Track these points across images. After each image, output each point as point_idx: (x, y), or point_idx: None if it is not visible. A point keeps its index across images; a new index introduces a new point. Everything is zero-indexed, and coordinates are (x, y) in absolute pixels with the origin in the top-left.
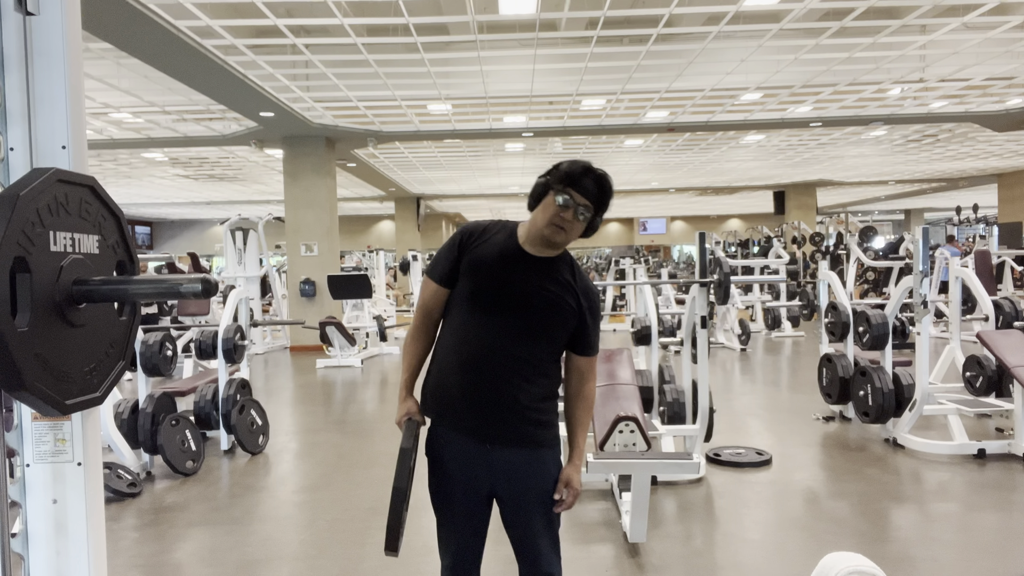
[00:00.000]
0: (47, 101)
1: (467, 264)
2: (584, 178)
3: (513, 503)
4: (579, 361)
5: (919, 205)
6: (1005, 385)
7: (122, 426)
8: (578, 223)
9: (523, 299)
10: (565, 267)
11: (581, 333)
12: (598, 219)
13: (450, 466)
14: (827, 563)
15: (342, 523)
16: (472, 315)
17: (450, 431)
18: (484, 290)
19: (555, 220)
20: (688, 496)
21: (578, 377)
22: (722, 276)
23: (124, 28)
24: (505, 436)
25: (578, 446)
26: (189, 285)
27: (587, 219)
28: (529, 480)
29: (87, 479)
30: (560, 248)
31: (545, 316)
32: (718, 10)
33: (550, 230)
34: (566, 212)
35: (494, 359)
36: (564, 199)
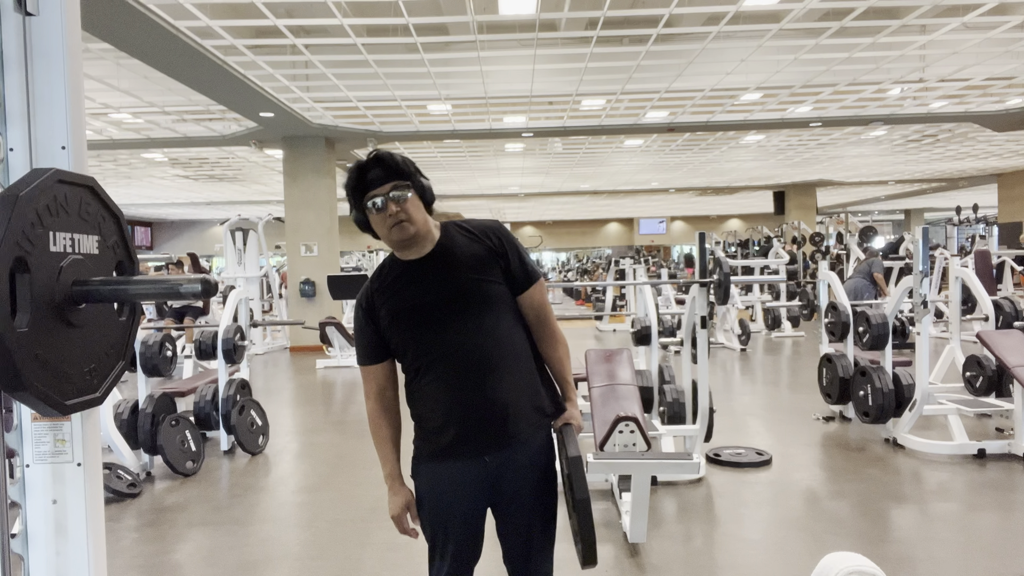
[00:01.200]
0: (47, 101)
1: (387, 323)
2: (366, 174)
3: (508, 506)
4: (527, 297)
5: (919, 205)
6: (1005, 385)
7: (122, 426)
8: (406, 204)
9: (449, 299)
10: (453, 236)
11: (508, 268)
12: (420, 181)
13: (446, 498)
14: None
15: (342, 523)
16: (423, 350)
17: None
18: (415, 323)
19: (387, 223)
20: (688, 496)
21: (534, 314)
22: (722, 276)
23: (124, 28)
24: (500, 440)
25: (567, 383)
26: (189, 285)
27: (406, 197)
28: (526, 478)
29: (87, 479)
30: (424, 235)
31: (475, 288)
32: (718, 10)
33: (395, 233)
34: (388, 208)
35: (464, 368)
36: (372, 204)
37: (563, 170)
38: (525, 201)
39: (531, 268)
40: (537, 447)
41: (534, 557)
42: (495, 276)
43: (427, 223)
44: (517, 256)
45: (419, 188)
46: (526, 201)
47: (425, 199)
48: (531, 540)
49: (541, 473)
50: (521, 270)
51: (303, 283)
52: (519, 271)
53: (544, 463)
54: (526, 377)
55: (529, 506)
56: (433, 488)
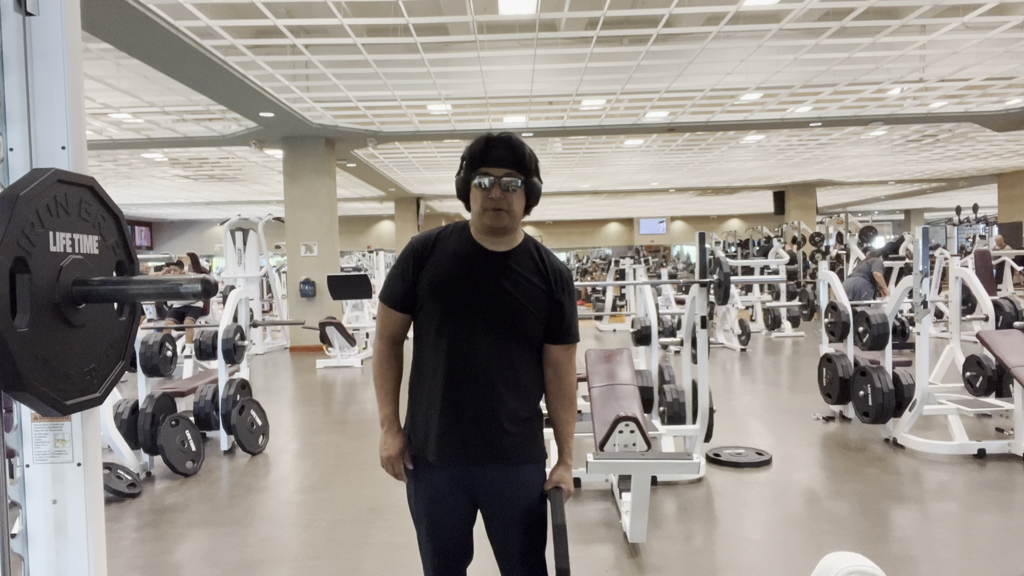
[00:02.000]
0: (47, 101)
1: (426, 285)
2: (491, 150)
3: (496, 520)
4: (556, 352)
5: (919, 205)
6: (1005, 385)
7: (122, 426)
8: (511, 195)
9: (492, 300)
10: (528, 252)
11: (556, 317)
12: (533, 181)
13: (433, 494)
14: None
15: (342, 524)
16: (444, 336)
17: (433, 462)
18: (451, 306)
19: (487, 204)
20: (688, 496)
21: (555, 371)
22: (722, 276)
23: (124, 28)
24: (487, 455)
25: (566, 444)
26: (189, 285)
27: (516, 186)
28: (513, 498)
29: (87, 479)
30: (512, 231)
31: (518, 311)
32: (718, 10)
33: (489, 216)
34: (492, 191)
35: (474, 373)
36: (482, 181)
37: (563, 170)
38: None
39: (574, 331)
40: (526, 480)
41: (527, 556)
42: (540, 315)
43: (519, 220)
44: (570, 313)
45: (529, 187)
46: None
47: (530, 198)
48: (522, 546)
49: (529, 506)
50: (564, 327)
51: (303, 283)
52: (562, 327)
53: (533, 498)
54: (526, 411)
55: (517, 527)
56: (420, 486)
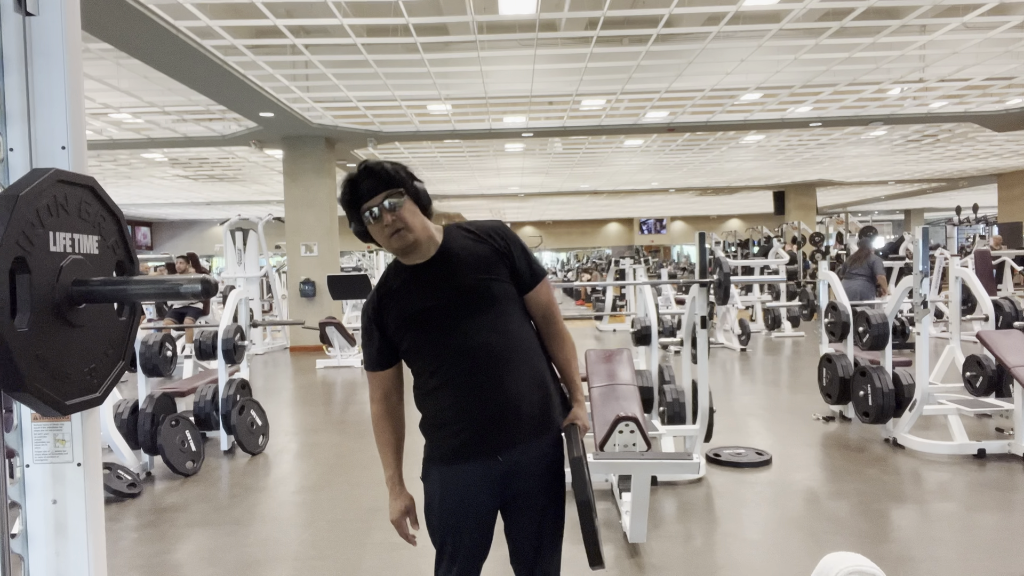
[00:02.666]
0: (47, 101)
1: (395, 328)
2: (358, 187)
3: (519, 506)
4: (534, 296)
5: (919, 205)
6: (1005, 385)
7: (122, 426)
8: (401, 211)
9: (454, 298)
10: (456, 239)
11: (515, 266)
12: (412, 186)
13: (458, 499)
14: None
15: (342, 523)
16: (432, 353)
17: (457, 466)
18: (424, 328)
19: (385, 232)
20: (688, 496)
21: (541, 314)
22: (722, 276)
23: (124, 28)
24: (512, 438)
25: (574, 383)
26: (189, 285)
27: (401, 203)
28: (537, 475)
29: (87, 479)
30: (426, 239)
31: (481, 288)
32: (718, 10)
33: (395, 241)
34: (383, 218)
35: (473, 369)
36: (368, 215)
37: (563, 170)
38: (525, 201)
39: (537, 266)
40: (548, 445)
41: (542, 557)
42: (501, 275)
43: (426, 228)
44: (523, 255)
45: (413, 193)
46: (526, 201)
47: (421, 203)
48: (540, 540)
49: (552, 472)
50: (527, 269)
51: (303, 283)
52: (525, 270)
53: (554, 462)
54: (535, 374)
55: (540, 506)
56: (445, 490)
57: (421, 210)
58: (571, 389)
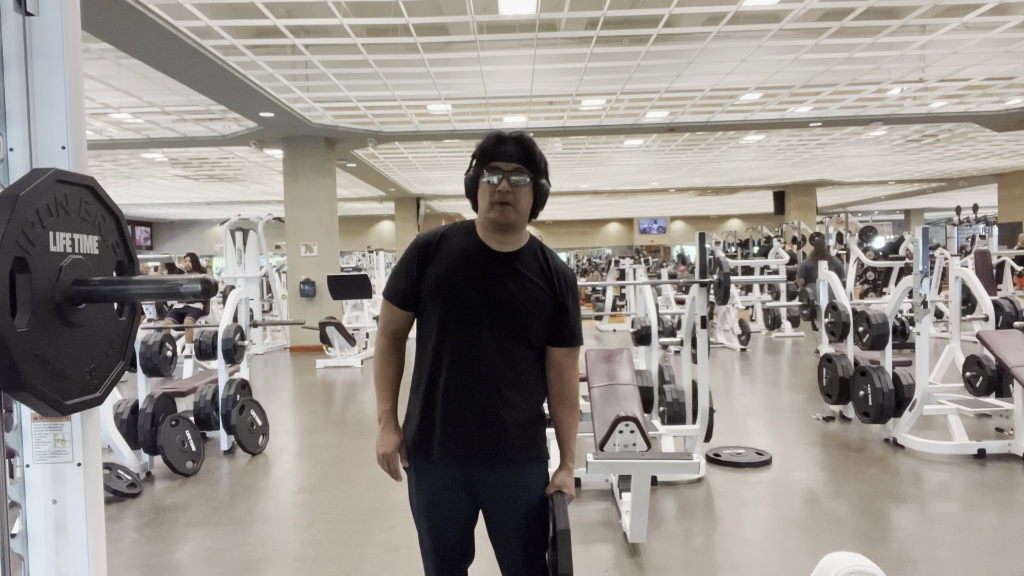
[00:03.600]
0: (47, 101)
1: (431, 283)
2: (501, 146)
3: (498, 520)
4: (559, 355)
5: (919, 205)
6: (1005, 385)
7: (122, 426)
8: (519, 191)
9: (496, 300)
10: (534, 254)
11: (560, 320)
12: (542, 182)
13: (434, 494)
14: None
15: (342, 523)
16: (448, 333)
17: (434, 461)
18: (455, 306)
19: (494, 198)
20: (688, 496)
21: (557, 374)
22: (722, 276)
23: (124, 28)
24: (489, 456)
25: (568, 449)
26: (189, 285)
27: (525, 183)
28: (514, 499)
29: (87, 479)
30: (518, 230)
31: (521, 312)
32: (718, 10)
33: (495, 212)
34: (501, 185)
35: (477, 374)
36: (491, 177)
37: (563, 170)
38: None
39: (578, 333)
40: (528, 481)
41: (529, 558)
42: (543, 317)
43: (525, 220)
44: (573, 315)
45: (537, 185)
46: None
47: (537, 199)
48: (524, 545)
49: (531, 507)
50: (568, 329)
51: (303, 283)
52: (565, 329)
53: (535, 499)
54: (529, 413)
55: (518, 529)
56: (421, 486)
57: (533, 207)
58: (564, 453)
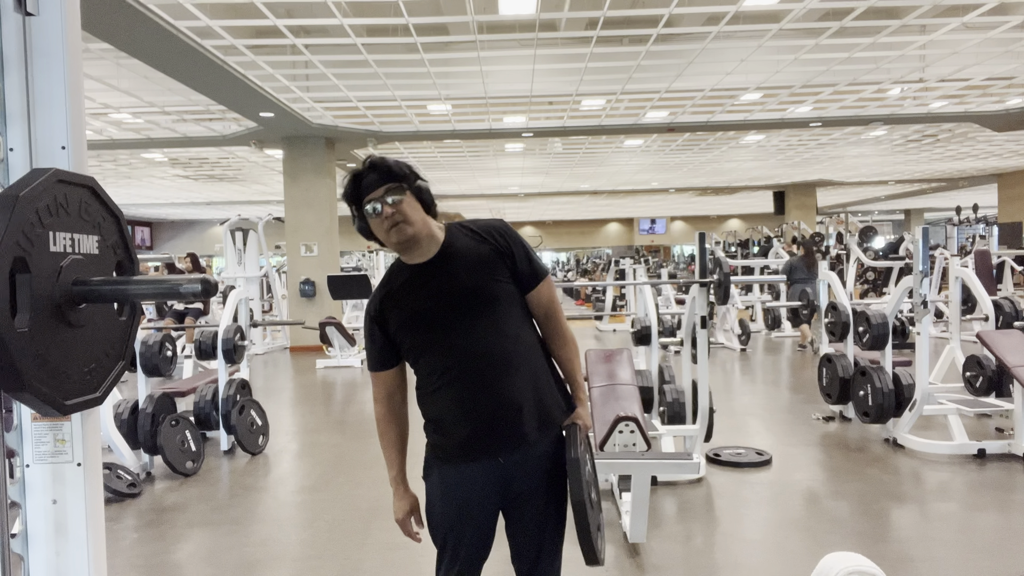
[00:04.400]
0: (47, 101)
1: (398, 332)
2: (360, 183)
3: (520, 506)
4: (535, 296)
5: (919, 205)
6: (1005, 385)
7: (122, 426)
8: (401, 206)
9: (456, 298)
10: (458, 237)
11: (515, 267)
12: (417, 184)
13: (463, 496)
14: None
15: (342, 523)
16: (434, 354)
17: (459, 467)
18: (426, 329)
19: (384, 226)
20: (688, 496)
21: (543, 313)
22: (722, 276)
23: (124, 28)
24: (514, 440)
25: (576, 382)
26: (189, 285)
27: (401, 197)
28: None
29: (87, 479)
30: (426, 236)
31: (482, 288)
32: (718, 10)
33: (394, 235)
34: (384, 212)
35: (475, 370)
36: (369, 209)
37: (563, 170)
38: (525, 201)
39: (538, 265)
40: (549, 446)
41: (543, 557)
42: (502, 275)
43: (426, 224)
44: (524, 254)
45: (415, 190)
46: (526, 201)
47: (423, 200)
48: (542, 540)
49: (553, 472)
50: (528, 268)
51: (303, 283)
52: (526, 269)
53: (556, 463)
54: (538, 375)
55: (541, 506)
56: (446, 490)
57: (424, 209)
58: (573, 388)
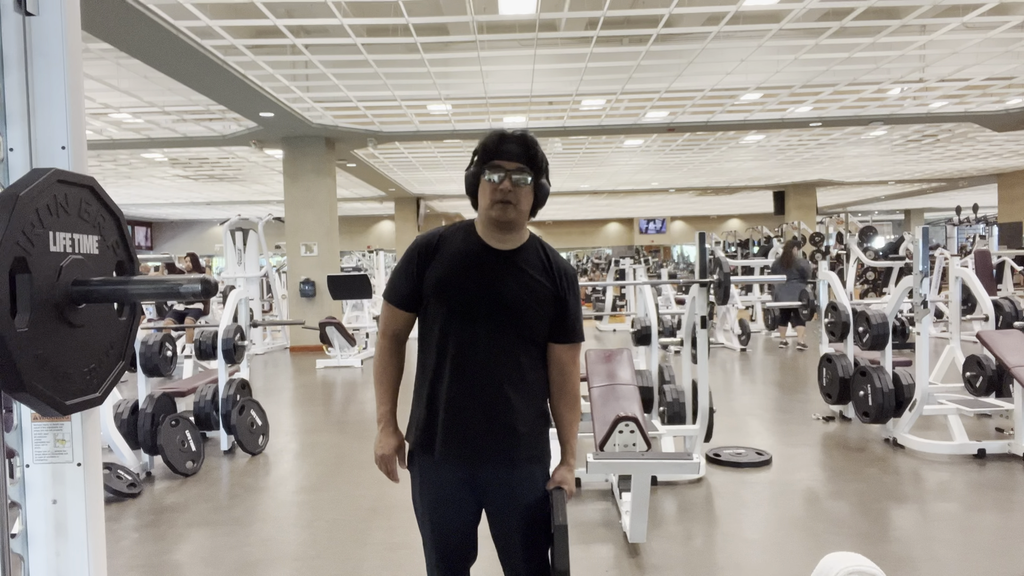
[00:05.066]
0: (47, 101)
1: (432, 284)
2: (503, 144)
3: (500, 518)
4: (560, 351)
5: (919, 205)
6: (1005, 385)
7: (122, 426)
8: (520, 190)
9: (498, 298)
10: (535, 251)
11: (561, 317)
12: (542, 181)
13: (436, 494)
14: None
15: (342, 523)
16: (450, 334)
17: (438, 460)
18: (456, 305)
19: (495, 196)
20: (688, 496)
21: (559, 370)
22: (722, 276)
23: (124, 28)
24: (493, 455)
25: (569, 445)
26: (189, 285)
27: (526, 182)
28: (516, 497)
29: (87, 479)
30: (518, 228)
31: (524, 310)
32: (718, 10)
33: (496, 210)
34: (503, 183)
35: (479, 372)
36: (493, 175)
37: (563, 170)
38: None
39: (579, 330)
40: (526, 478)
41: (530, 556)
42: (545, 314)
43: (526, 218)
44: (575, 311)
45: (538, 185)
46: None
47: (538, 198)
48: (527, 544)
49: (533, 507)
50: (569, 325)
51: (303, 283)
52: (566, 325)
53: (537, 497)
54: (534, 411)
55: (520, 527)
56: (425, 485)
57: (533, 206)
58: (564, 450)
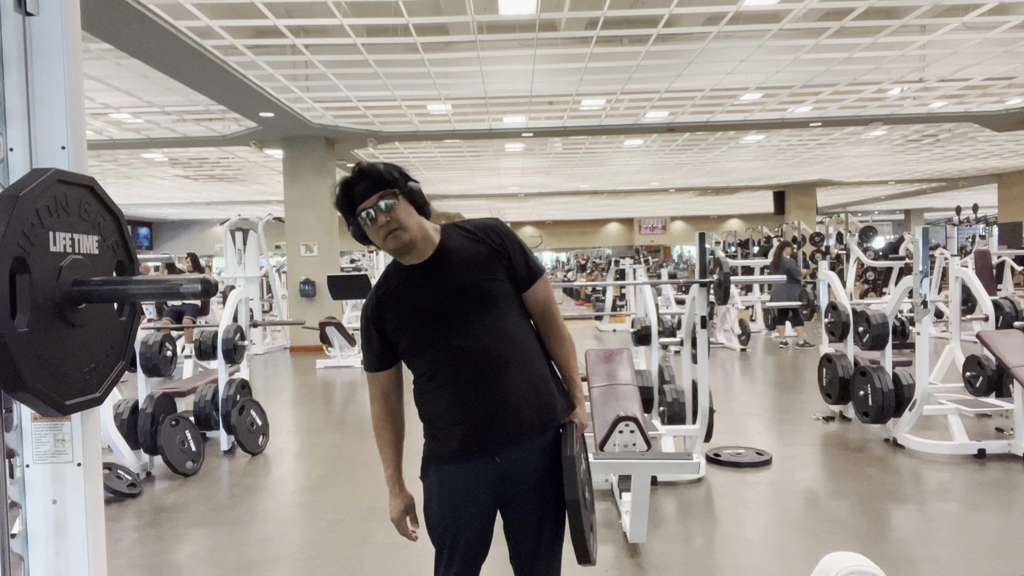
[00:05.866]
0: (47, 101)
1: (393, 331)
2: (352, 191)
3: (519, 505)
4: (533, 293)
5: (919, 205)
6: (1005, 385)
7: (122, 426)
8: (396, 212)
9: (453, 295)
10: (454, 236)
11: (511, 265)
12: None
13: (457, 498)
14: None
15: (342, 523)
16: (431, 354)
17: (456, 466)
18: (424, 330)
19: (380, 233)
20: (688, 496)
21: (540, 311)
22: (722, 276)
23: (124, 28)
24: (510, 439)
25: (572, 380)
26: (189, 285)
27: (395, 203)
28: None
29: (87, 479)
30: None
31: (477, 285)
32: (718, 10)
33: (391, 241)
34: (379, 219)
35: (473, 371)
36: (364, 217)
37: (563, 170)
38: (525, 201)
39: (534, 264)
40: (547, 445)
41: (542, 557)
42: (498, 275)
43: (422, 227)
44: (520, 253)
45: (407, 193)
46: (526, 201)
47: (416, 203)
48: (540, 540)
49: (551, 473)
50: (524, 267)
51: (303, 283)
52: (522, 268)
53: (553, 462)
54: (535, 374)
55: (539, 506)
56: (443, 489)
57: (417, 210)
58: (570, 387)
